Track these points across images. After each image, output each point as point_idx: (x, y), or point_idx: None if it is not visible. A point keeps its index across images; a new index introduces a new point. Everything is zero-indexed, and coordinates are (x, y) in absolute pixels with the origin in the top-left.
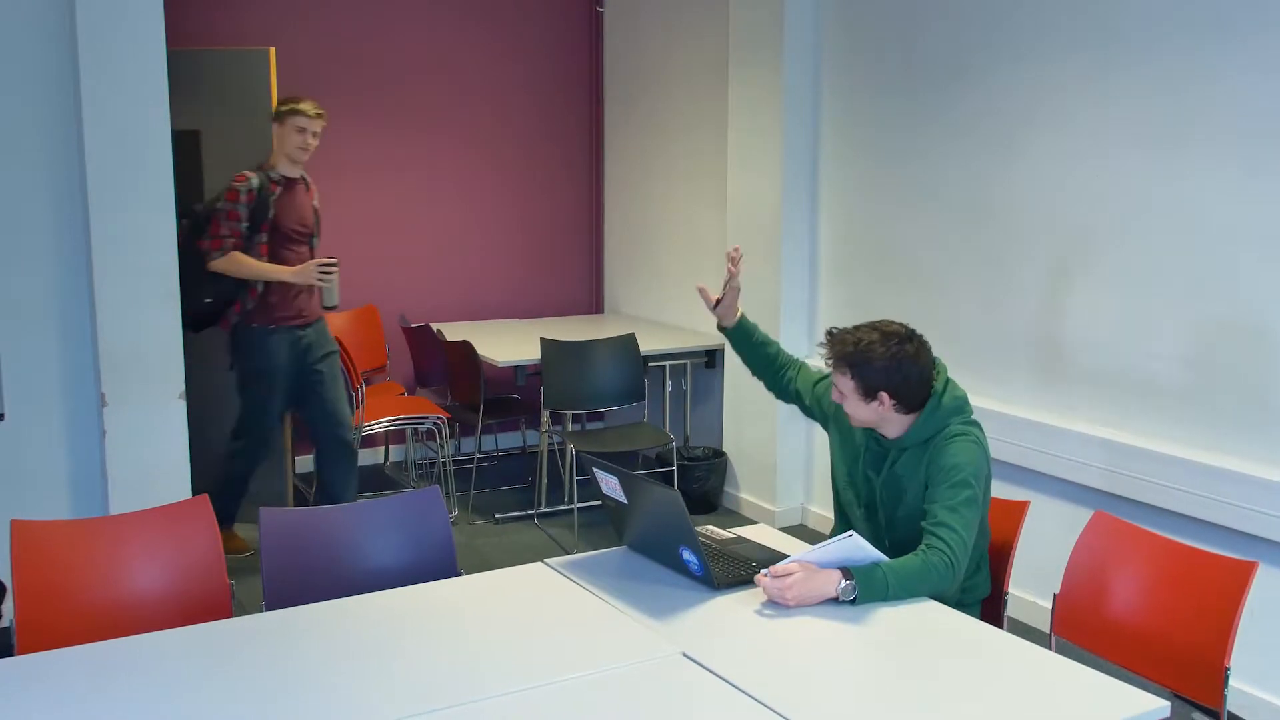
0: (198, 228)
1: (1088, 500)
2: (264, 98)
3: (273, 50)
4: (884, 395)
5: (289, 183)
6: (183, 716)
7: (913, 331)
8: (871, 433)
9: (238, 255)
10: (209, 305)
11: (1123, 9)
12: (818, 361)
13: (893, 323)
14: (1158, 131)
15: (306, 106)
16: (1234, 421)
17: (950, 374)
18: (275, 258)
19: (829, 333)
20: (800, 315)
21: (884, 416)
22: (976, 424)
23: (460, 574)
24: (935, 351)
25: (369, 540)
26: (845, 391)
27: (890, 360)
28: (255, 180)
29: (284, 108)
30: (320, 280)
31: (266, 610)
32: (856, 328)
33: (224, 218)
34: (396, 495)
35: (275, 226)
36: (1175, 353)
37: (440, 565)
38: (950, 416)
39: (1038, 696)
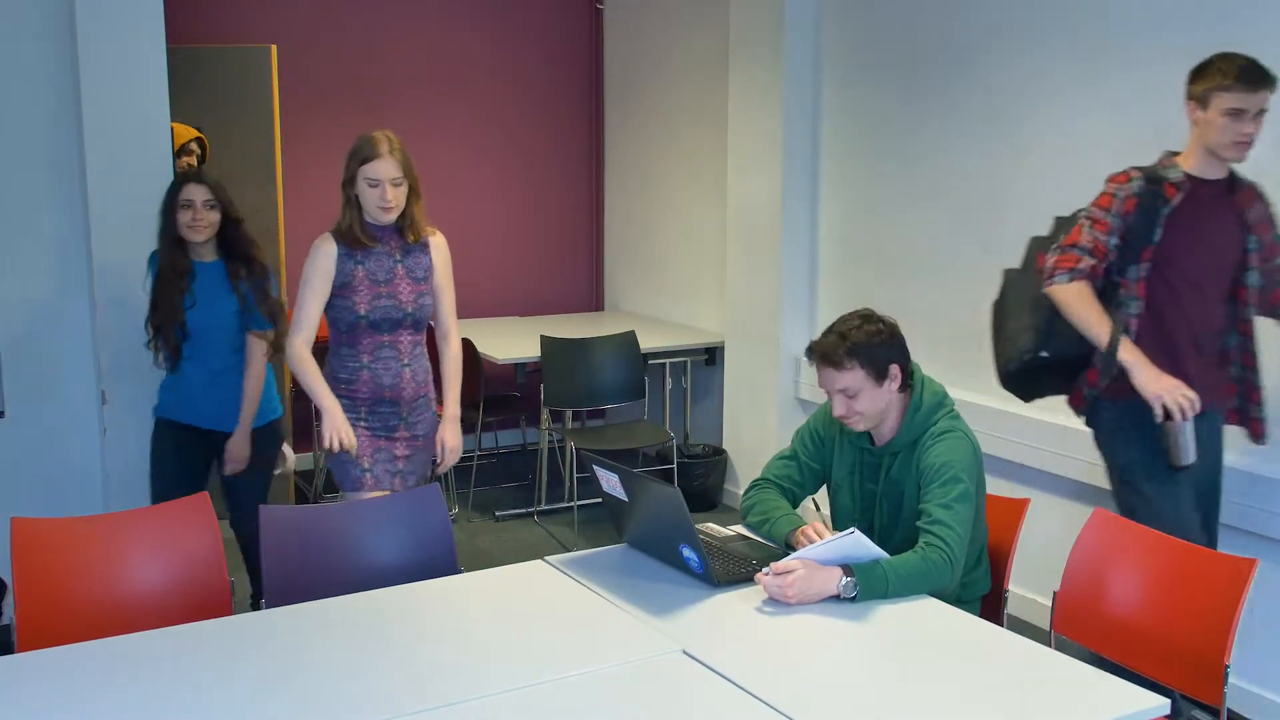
0: (1053, 240)
1: (1088, 497)
2: (265, 96)
3: (274, 48)
4: (894, 369)
5: (1200, 187)
6: (183, 714)
7: (871, 310)
8: (862, 444)
9: (1083, 291)
10: (1045, 361)
11: (1121, 4)
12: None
13: (852, 311)
14: (1156, 127)
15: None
16: None
17: (950, 371)
18: (1156, 312)
19: (810, 350)
20: (800, 311)
21: (891, 401)
22: (959, 417)
23: (461, 571)
24: (934, 348)
25: (369, 538)
26: (858, 385)
27: (883, 335)
28: (1136, 183)
29: (1216, 83)
30: (1178, 406)
31: (266, 608)
32: (830, 330)
33: (1088, 225)
34: (397, 493)
35: (1163, 257)
36: None
37: (440, 563)
38: (933, 413)
39: (1038, 694)
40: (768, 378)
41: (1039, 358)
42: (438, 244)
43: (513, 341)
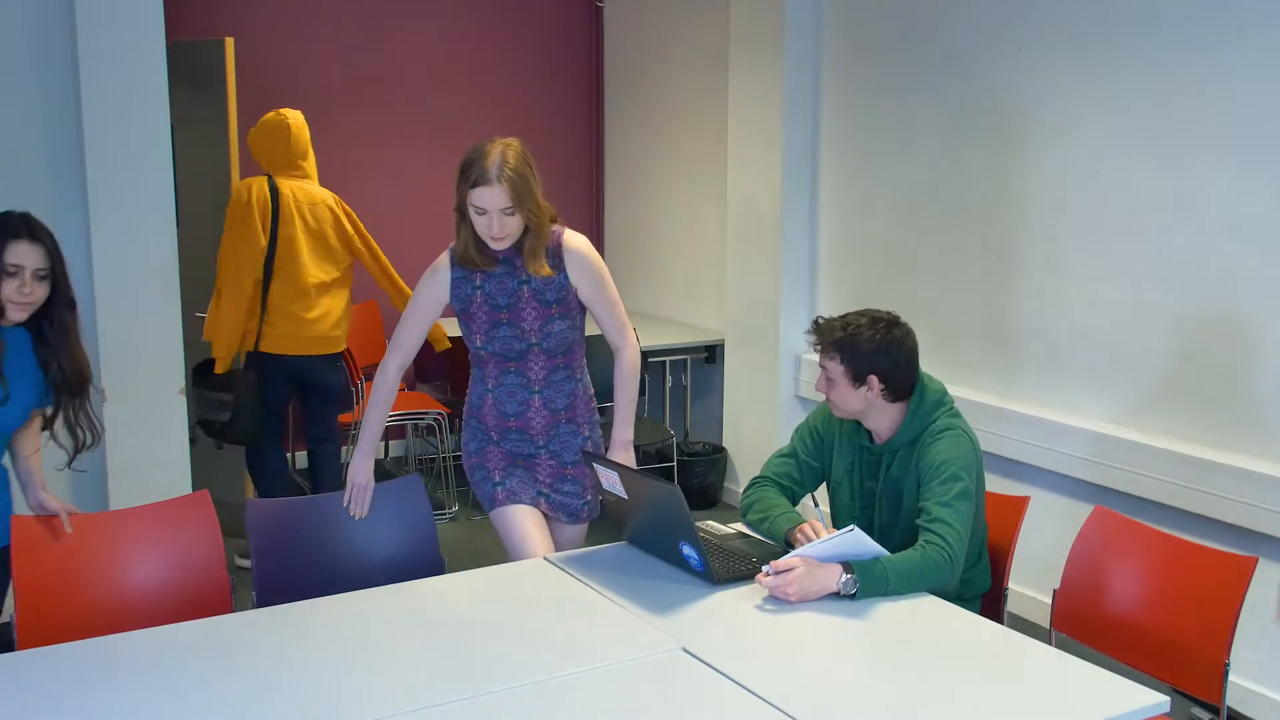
0: None
1: (1088, 495)
2: (220, 89)
3: (230, 41)
4: (873, 379)
5: None
6: (184, 712)
7: (898, 318)
8: (862, 441)
9: None
10: None
11: (1123, 2)
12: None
13: (879, 310)
14: (1157, 126)
15: None
16: (1234, 416)
17: (949, 369)
18: None
19: (816, 321)
20: (800, 309)
21: (871, 405)
22: (959, 415)
23: (443, 560)
24: (935, 345)
25: (350, 528)
26: (834, 377)
27: (878, 343)
28: None
29: None
30: None
31: (257, 604)
32: (844, 315)
33: None
34: (379, 485)
35: None
36: (1176, 347)
37: (425, 552)
38: (934, 411)
39: (1038, 691)
40: (768, 376)
41: None
42: (575, 256)
43: None
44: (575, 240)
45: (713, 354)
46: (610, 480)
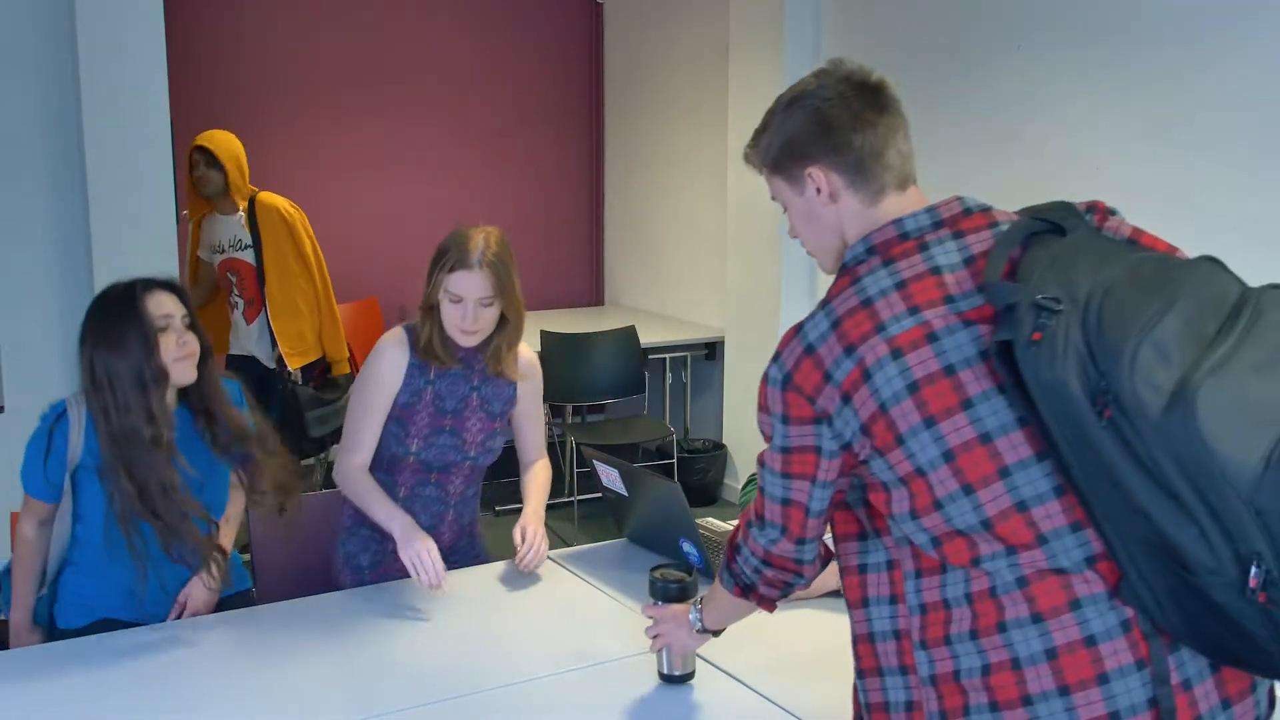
0: None
1: None
2: None
3: None
4: None
5: None
6: (184, 706)
7: None
8: None
9: None
10: None
11: (1121, 1)
12: None
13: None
14: (1158, 123)
15: None
16: None
17: None
18: None
19: None
20: (800, 307)
21: None
22: None
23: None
24: None
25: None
26: None
27: None
28: None
29: None
30: None
31: (257, 600)
32: None
33: None
34: None
35: None
36: None
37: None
38: None
39: None
40: None
41: None
42: (530, 369)
43: None
44: (529, 353)
45: (713, 351)
46: (610, 477)
